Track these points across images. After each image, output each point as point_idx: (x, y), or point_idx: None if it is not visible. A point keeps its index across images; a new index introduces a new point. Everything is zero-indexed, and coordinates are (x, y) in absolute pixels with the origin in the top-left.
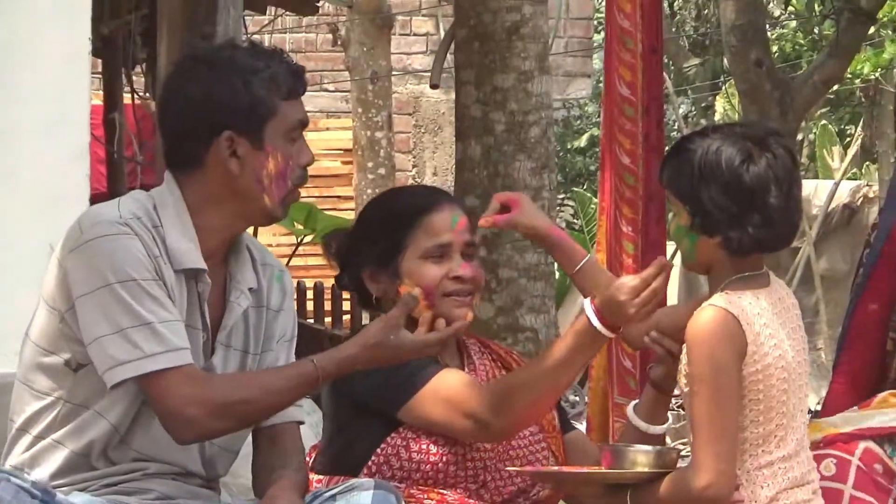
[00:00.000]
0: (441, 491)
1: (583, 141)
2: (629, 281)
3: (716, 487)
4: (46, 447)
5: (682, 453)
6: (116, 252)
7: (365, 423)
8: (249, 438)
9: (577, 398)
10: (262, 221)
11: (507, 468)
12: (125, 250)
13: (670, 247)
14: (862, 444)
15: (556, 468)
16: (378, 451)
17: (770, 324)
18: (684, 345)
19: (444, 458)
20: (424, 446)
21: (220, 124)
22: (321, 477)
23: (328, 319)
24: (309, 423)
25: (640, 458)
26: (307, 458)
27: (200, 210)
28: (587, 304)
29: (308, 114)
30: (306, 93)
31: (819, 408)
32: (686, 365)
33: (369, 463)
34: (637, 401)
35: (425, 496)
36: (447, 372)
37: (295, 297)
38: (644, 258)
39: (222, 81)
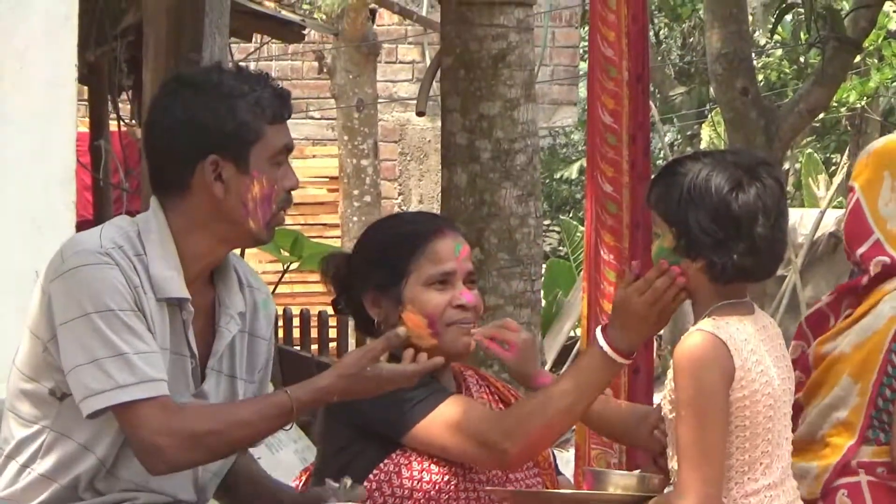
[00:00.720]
0: None
1: (573, 171)
2: (632, 283)
3: None
4: (34, 481)
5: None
6: (95, 282)
7: (364, 446)
8: None
9: None
10: (248, 244)
11: (486, 488)
12: (104, 280)
13: None
14: (854, 460)
15: (537, 490)
16: (371, 476)
17: (756, 350)
18: (670, 370)
19: (437, 487)
20: (417, 474)
21: (205, 148)
22: None
23: (314, 347)
24: (294, 449)
25: (624, 482)
26: (297, 482)
27: (185, 235)
28: (598, 332)
29: (294, 141)
30: (292, 120)
31: None
32: (671, 390)
33: None
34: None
35: None
36: (456, 398)
37: (281, 324)
38: None
39: (207, 105)
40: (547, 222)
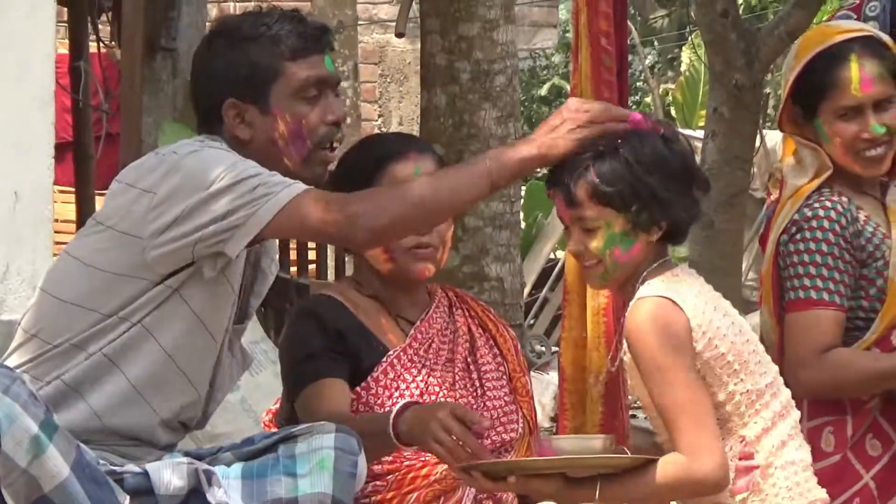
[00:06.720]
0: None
1: (544, 90)
2: None
3: (723, 469)
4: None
5: None
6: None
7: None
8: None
9: (543, 348)
10: None
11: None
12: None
13: None
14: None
15: (516, 459)
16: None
17: (702, 292)
18: (624, 345)
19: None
20: (390, 402)
21: (220, 94)
22: None
23: (293, 269)
24: (273, 372)
25: (603, 445)
26: (274, 408)
27: None
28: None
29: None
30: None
31: None
32: (631, 361)
33: None
34: None
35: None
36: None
37: None
38: None
39: (224, 53)
40: None
